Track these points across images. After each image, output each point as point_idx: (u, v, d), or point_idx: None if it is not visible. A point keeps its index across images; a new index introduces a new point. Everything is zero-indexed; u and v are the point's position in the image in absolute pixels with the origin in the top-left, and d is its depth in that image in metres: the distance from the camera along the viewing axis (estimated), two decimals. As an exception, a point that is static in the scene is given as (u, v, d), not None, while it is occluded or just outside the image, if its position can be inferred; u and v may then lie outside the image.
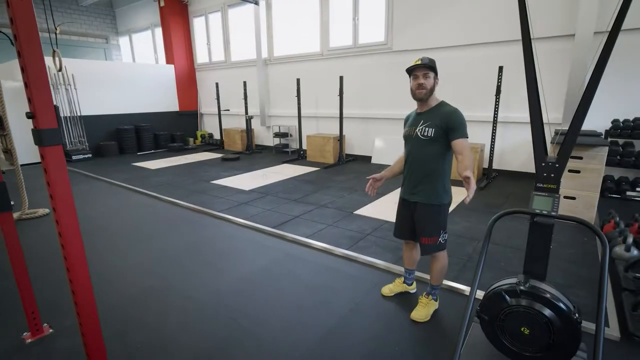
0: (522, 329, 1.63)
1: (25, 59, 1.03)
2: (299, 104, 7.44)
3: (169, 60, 10.08)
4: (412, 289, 2.48)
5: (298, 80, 7.30)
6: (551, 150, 1.96)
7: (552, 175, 1.60)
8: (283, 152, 8.43)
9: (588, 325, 1.99)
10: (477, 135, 5.87)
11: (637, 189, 4.35)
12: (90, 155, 8.08)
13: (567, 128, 1.65)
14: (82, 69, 8.14)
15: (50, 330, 2.15)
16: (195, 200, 4.73)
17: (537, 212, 1.61)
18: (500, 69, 5.01)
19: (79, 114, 8.04)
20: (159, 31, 10.70)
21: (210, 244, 3.40)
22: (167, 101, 9.96)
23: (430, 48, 6.06)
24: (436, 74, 2.00)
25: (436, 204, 2.06)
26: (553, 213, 1.58)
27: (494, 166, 5.62)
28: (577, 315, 1.55)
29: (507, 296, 1.66)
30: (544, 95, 1.80)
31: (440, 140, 1.97)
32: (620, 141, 4.51)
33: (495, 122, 5.22)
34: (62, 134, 7.83)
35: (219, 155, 8.24)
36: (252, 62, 8.78)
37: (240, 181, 5.78)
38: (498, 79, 5.04)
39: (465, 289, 2.51)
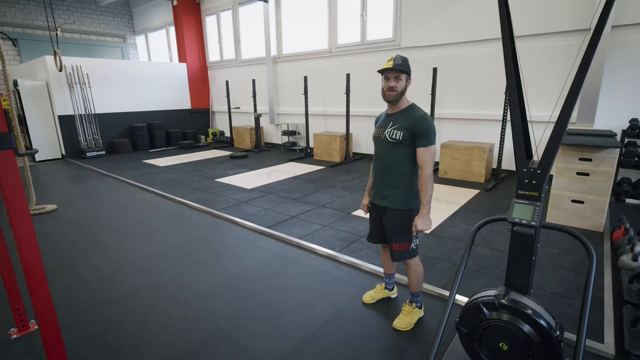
0: (501, 344, 1.55)
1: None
2: (306, 102, 7.40)
3: (182, 58, 10.22)
4: (394, 293, 2.42)
5: (305, 78, 7.25)
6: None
7: (534, 182, 1.49)
8: (291, 151, 8.42)
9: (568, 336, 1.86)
10: (485, 134, 5.68)
11: (629, 200, 4.09)
12: (103, 152, 8.30)
13: (581, 128, 1.54)
14: (97, 68, 8.36)
15: (36, 327, 2.19)
16: (197, 198, 4.77)
17: (517, 221, 1.51)
18: (511, 65, 4.80)
19: (93, 112, 8.26)
20: (173, 30, 10.85)
21: (204, 243, 3.41)
22: (179, 99, 10.11)
23: (438, 44, 5.89)
24: (409, 75, 1.91)
25: (406, 209, 1.97)
26: (533, 223, 1.47)
27: (503, 166, 5.41)
28: (558, 332, 1.45)
29: (485, 309, 1.57)
30: (559, 92, 1.67)
31: (409, 144, 1.91)
32: (638, 142, 4.25)
33: (504, 120, 5.02)
34: (77, 131, 8.08)
35: (228, 153, 8.31)
36: (262, 59, 8.78)
37: (243, 179, 5.80)
38: (508, 76, 4.82)
39: (456, 297, 2.41)
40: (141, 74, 9.28)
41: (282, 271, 2.81)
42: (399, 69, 1.86)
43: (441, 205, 4.26)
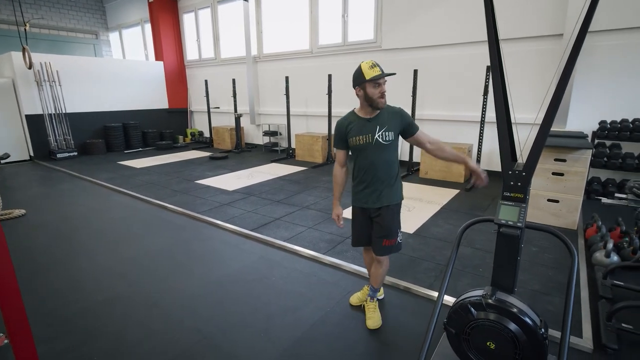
0: (488, 343, 1.57)
1: None
2: (287, 102, 7.35)
3: (159, 56, 9.94)
4: (381, 294, 2.42)
5: (287, 78, 7.20)
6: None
7: (520, 184, 1.53)
8: (272, 151, 8.34)
9: (559, 336, 1.92)
10: (464, 135, 5.82)
11: (611, 198, 4.30)
12: (75, 154, 7.95)
13: (555, 129, 1.57)
14: (68, 65, 8.00)
15: (6, 341, 2.06)
16: (176, 200, 4.64)
17: (503, 222, 1.54)
18: (488, 68, 4.94)
19: (64, 112, 7.89)
20: (149, 27, 10.54)
21: (185, 247, 3.32)
22: (156, 98, 9.82)
23: (418, 47, 5.99)
24: None
25: (398, 203, 2.08)
26: (519, 224, 1.51)
27: (482, 167, 5.53)
28: (543, 330, 1.49)
29: (473, 309, 1.59)
30: (535, 96, 1.71)
31: (396, 142, 2.01)
32: (607, 142, 4.46)
33: (482, 122, 5.16)
34: (46, 132, 7.70)
35: (207, 154, 8.14)
36: (242, 59, 8.66)
37: (224, 181, 5.69)
38: (486, 78, 4.97)
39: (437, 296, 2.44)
40: (116, 72, 8.96)
41: (267, 275, 2.77)
42: (387, 74, 1.92)
43: (423, 205, 4.32)
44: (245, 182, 5.62)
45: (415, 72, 5.62)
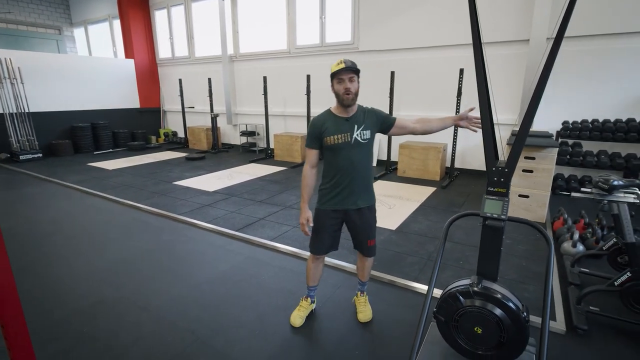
0: (476, 328, 1.68)
1: None
2: (265, 102, 7.32)
3: (129, 54, 9.59)
4: (314, 305, 2.32)
5: (265, 78, 7.18)
6: (506, 151, 2.01)
7: (502, 179, 1.65)
8: (250, 151, 8.28)
9: (537, 320, 2.08)
10: (439, 135, 6.01)
11: (577, 193, 4.64)
12: (40, 155, 7.54)
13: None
14: (30, 61, 7.57)
15: (-16, 352, 1.96)
16: (155, 202, 4.53)
17: (488, 215, 1.66)
18: (461, 71, 5.17)
19: (27, 111, 7.46)
20: (117, 23, 10.15)
21: (169, 249, 3.26)
22: (127, 97, 9.48)
23: (395, 49, 6.16)
24: (359, 76, 1.90)
25: (374, 203, 2.09)
26: (502, 216, 1.63)
27: (456, 165, 5.80)
28: (525, 314, 1.61)
29: (461, 297, 1.70)
30: (503, 98, 1.84)
31: (372, 141, 2.01)
32: (570, 141, 4.80)
33: (456, 122, 5.38)
34: (7, 132, 7.24)
35: (183, 155, 7.96)
36: (217, 58, 8.53)
37: (204, 182, 5.60)
38: (459, 81, 5.19)
39: (423, 289, 2.55)
40: (83, 69, 8.57)
41: (256, 274, 2.78)
42: (354, 69, 1.85)
43: (403, 202, 4.47)
44: (226, 182, 5.56)
45: (392, 73, 5.78)
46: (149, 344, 2.02)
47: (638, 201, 2.00)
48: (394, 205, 4.33)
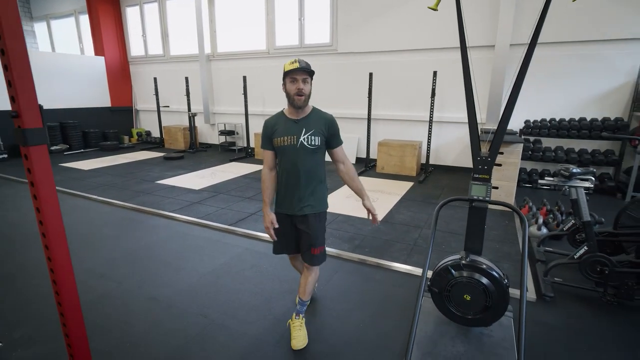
0: (465, 296, 1.95)
1: (9, 56, 1.02)
2: (245, 101, 7.40)
3: (99, 51, 9.29)
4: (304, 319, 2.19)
5: (244, 77, 7.26)
6: (482, 147, 2.32)
7: (486, 167, 1.93)
8: (229, 150, 8.31)
9: (512, 292, 2.40)
10: (415, 133, 6.42)
11: (543, 180, 5.16)
12: (5, 156, 7.17)
13: (490, 127, 1.98)
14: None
15: (0, 344, 1.99)
16: (142, 201, 4.52)
17: (475, 198, 1.93)
18: (435, 73, 5.55)
19: (-10, 109, 7.06)
20: (84, 19, 9.78)
21: (165, 244, 3.33)
22: (97, 96, 9.18)
23: (372, 51, 6.46)
24: (312, 78, 1.86)
25: (323, 212, 2.01)
26: (487, 198, 1.91)
27: (431, 161, 6.19)
28: (506, 280, 1.90)
29: (452, 270, 1.96)
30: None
31: (323, 148, 1.94)
32: (531, 138, 5.30)
33: (431, 121, 5.77)
34: (-30, 131, 6.84)
35: (160, 154, 7.85)
36: (194, 57, 8.48)
37: (187, 181, 5.62)
38: (433, 82, 5.57)
39: (414, 270, 2.82)
40: (47, 66, 8.22)
41: (257, 264, 2.93)
42: (308, 70, 1.80)
43: (385, 196, 4.76)
44: (210, 181, 5.61)
45: (371, 75, 6.07)
46: (165, 329, 2.14)
47: (592, 186, 2.37)
48: (377, 199, 4.61)
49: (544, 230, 3.36)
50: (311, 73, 1.83)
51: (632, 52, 4.81)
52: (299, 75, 1.79)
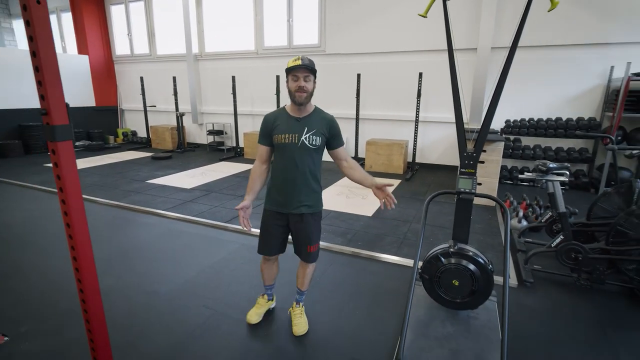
0: (454, 281, 2.11)
1: (41, 59, 1.10)
2: (234, 101, 7.45)
3: (82, 50, 9.14)
4: (273, 303, 2.36)
5: (233, 77, 7.31)
6: (468, 144, 2.48)
7: (471, 162, 2.09)
8: (218, 150, 8.33)
9: (496, 279, 2.58)
10: (402, 133, 6.62)
11: (523, 175, 5.43)
12: (-12, 157, 7.00)
13: (473, 127, 2.15)
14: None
15: (6, 339, 2.03)
16: (134, 200, 4.54)
17: (462, 190, 2.09)
18: (420, 74, 5.76)
19: (-31, 108, 6.89)
20: (66, 16, 9.61)
21: (161, 242, 3.38)
22: (81, 95, 9.03)
23: (360, 53, 6.63)
24: (315, 76, 1.87)
25: (320, 211, 2.05)
26: (473, 191, 2.07)
27: (417, 160, 6.40)
28: (490, 266, 2.07)
29: (442, 257, 2.12)
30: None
31: (322, 148, 1.96)
32: (511, 137, 5.57)
33: (417, 121, 5.97)
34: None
35: (147, 154, 7.80)
36: (182, 56, 8.46)
37: (178, 180, 5.64)
38: (418, 83, 5.77)
39: (404, 261, 2.98)
40: (28, 64, 7.99)
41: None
42: (310, 68, 1.80)
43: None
44: (201, 180, 5.65)
45: (359, 76, 6.23)
46: (169, 320, 2.21)
47: (567, 180, 2.57)
48: (367, 196, 4.76)
49: (524, 222, 3.58)
50: (314, 71, 1.83)
51: (603, 56, 5.13)
52: (300, 72, 1.79)
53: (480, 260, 2.05)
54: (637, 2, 4.85)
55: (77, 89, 8.95)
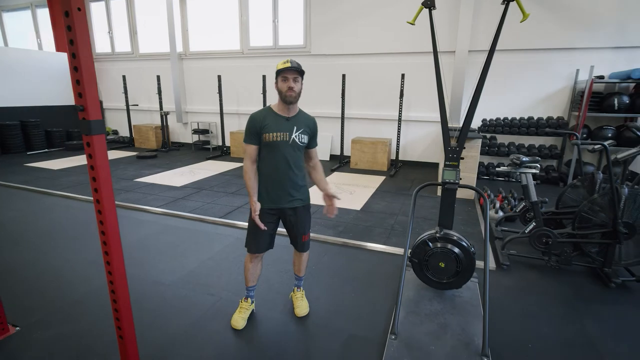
0: (440, 263, 2.33)
1: (81, 60, 1.23)
2: (220, 100, 7.50)
3: (60, 47, 8.94)
4: (254, 305, 2.33)
5: (219, 77, 7.36)
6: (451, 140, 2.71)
7: (455, 155, 2.32)
8: (203, 149, 8.35)
9: (477, 263, 2.82)
10: (385, 131, 6.87)
11: (500, 168, 5.79)
12: (-36, 156, 6.77)
13: (452, 125, 2.37)
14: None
15: (17, 329, 2.10)
16: (125, 198, 4.57)
17: (447, 181, 2.31)
18: (403, 75, 6.02)
19: (-58, 107, 6.65)
20: (42, 12, 9.36)
21: (158, 237, 3.46)
22: (60, 94, 8.84)
23: (344, 54, 6.83)
24: (303, 77, 1.98)
25: (309, 203, 2.19)
26: (457, 181, 2.30)
27: (400, 157, 6.67)
28: (472, 249, 2.31)
29: (429, 242, 2.34)
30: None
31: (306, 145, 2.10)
32: (488, 135, 5.92)
33: (399, 120, 6.24)
34: None
35: (131, 153, 7.75)
36: (165, 55, 8.42)
37: (167, 178, 5.68)
38: (401, 84, 6.03)
39: (392, 249, 3.19)
40: (6, 62, 7.81)
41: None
42: (299, 70, 1.91)
43: (361, 189, 5.13)
44: (190, 178, 5.71)
45: (344, 76, 6.44)
46: (176, 306, 2.33)
47: (538, 172, 2.86)
48: (354, 192, 4.97)
49: (501, 213, 3.88)
50: (302, 72, 1.94)
51: (570, 60, 5.54)
52: (290, 74, 1.90)
53: (463, 244, 2.28)
54: (599, 11, 5.27)
55: (57, 87, 8.76)
